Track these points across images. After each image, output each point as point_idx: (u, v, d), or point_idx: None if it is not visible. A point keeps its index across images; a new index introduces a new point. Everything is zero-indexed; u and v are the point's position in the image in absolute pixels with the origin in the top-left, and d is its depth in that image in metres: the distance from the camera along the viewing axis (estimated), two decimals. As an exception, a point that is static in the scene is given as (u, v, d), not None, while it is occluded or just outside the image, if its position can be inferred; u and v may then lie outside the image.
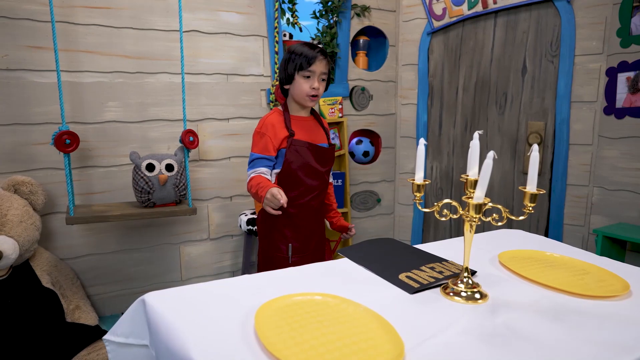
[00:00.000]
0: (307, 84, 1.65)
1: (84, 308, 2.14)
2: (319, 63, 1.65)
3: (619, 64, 2.20)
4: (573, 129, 2.40)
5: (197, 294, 1.03)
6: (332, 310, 0.93)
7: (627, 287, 1.07)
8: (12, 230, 1.90)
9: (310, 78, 1.65)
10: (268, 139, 1.65)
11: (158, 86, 2.40)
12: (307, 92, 1.66)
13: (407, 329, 0.87)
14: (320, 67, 1.65)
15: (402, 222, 3.27)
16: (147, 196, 2.12)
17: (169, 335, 0.86)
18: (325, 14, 2.87)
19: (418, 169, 1.03)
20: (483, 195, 0.92)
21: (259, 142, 1.67)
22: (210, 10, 2.48)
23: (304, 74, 1.64)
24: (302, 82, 1.65)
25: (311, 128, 1.75)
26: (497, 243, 1.44)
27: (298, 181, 1.69)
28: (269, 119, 1.69)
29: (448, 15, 2.82)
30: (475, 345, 0.83)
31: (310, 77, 1.65)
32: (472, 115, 2.84)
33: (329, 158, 1.78)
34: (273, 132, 1.65)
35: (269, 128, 1.66)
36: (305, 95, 1.67)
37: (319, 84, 1.67)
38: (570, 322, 0.92)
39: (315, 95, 1.67)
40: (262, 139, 1.66)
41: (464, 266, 1.04)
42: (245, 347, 0.80)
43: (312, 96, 1.67)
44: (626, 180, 2.20)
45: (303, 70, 1.64)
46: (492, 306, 0.99)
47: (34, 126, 2.15)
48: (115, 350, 1.02)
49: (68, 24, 2.18)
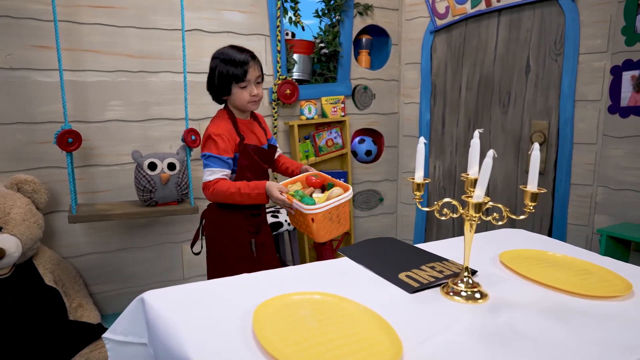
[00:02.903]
0: (245, 92, 1.61)
1: (86, 306, 2.15)
2: (252, 70, 1.59)
3: (623, 62, 2.18)
4: (577, 128, 2.38)
5: (196, 292, 1.02)
6: (331, 310, 0.93)
7: (630, 287, 1.06)
8: (15, 228, 1.90)
9: (247, 87, 1.60)
10: (227, 141, 1.59)
11: (161, 85, 2.40)
12: (247, 100, 1.62)
13: (406, 328, 0.86)
14: (254, 74, 1.60)
15: (405, 222, 3.26)
16: (149, 195, 2.12)
17: (167, 334, 0.86)
18: (328, 12, 2.87)
19: (418, 168, 1.02)
20: (483, 194, 0.91)
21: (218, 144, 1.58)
22: (214, 9, 2.49)
23: (241, 85, 1.59)
24: (240, 91, 1.60)
25: (253, 130, 1.73)
26: (499, 242, 1.43)
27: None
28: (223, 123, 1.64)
29: (451, 14, 2.81)
30: (475, 345, 0.82)
31: (247, 86, 1.60)
32: (475, 114, 2.83)
33: (270, 157, 1.79)
34: (230, 135, 1.61)
35: (227, 131, 1.61)
36: (246, 103, 1.63)
37: (257, 89, 1.62)
38: (572, 322, 0.91)
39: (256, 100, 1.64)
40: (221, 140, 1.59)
41: (464, 265, 1.04)
42: (243, 346, 0.80)
43: (253, 102, 1.64)
44: (631, 180, 2.19)
45: (239, 82, 1.58)
46: (493, 306, 0.98)
47: (38, 125, 2.16)
48: (114, 348, 1.03)
49: (72, 23, 2.19)
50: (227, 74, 1.58)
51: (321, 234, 1.57)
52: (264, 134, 1.79)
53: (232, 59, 1.58)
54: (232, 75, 1.58)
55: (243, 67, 1.57)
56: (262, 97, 1.67)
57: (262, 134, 1.78)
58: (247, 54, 1.60)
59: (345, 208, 1.65)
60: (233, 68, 1.58)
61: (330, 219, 1.58)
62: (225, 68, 1.59)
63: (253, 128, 1.74)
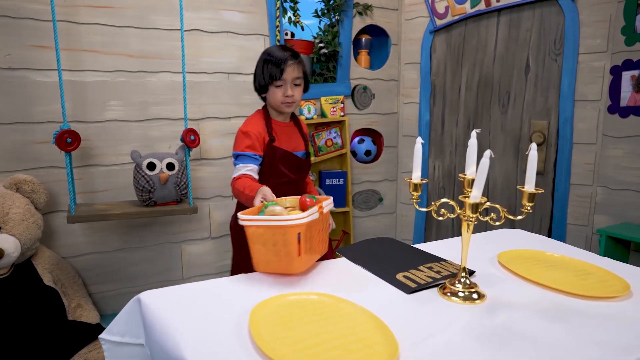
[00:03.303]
0: (280, 92, 1.60)
1: (85, 306, 2.15)
2: (289, 70, 1.58)
3: (623, 62, 2.17)
4: (577, 128, 2.37)
5: (193, 293, 1.02)
6: (328, 310, 0.92)
7: (628, 288, 1.06)
8: (14, 228, 1.90)
9: (282, 87, 1.59)
10: (255, 139, 1.59)
11: (160, 85, 2.40)
12: (281, 100, 1.61)
13: (403, 329, 0.86)
14: (292, 74, 1.59)
15: (405, 222, 3.25)
16: (148, 195, 2.12)
17: (163, 335, 0.86)
18: (327, 12, 2.87)
19: (415, 168, 1.02)
20: (480, 194, 0.91)
21: (245, 140, 1.60)
22: (213, 9, 2.48)
23: (276, 84, 1.58)
24: (275, 90, 1.60)
25: (290, 135, 1.69)
26: (498, 243, 1.42)
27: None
28: (255, 121, 1.64)
29: (451, 14, 2.80)
30: (472, 345, 0.82)
31: (282, 86, 1.59)
32: (475, 114, 2.82)
33: (303, 167, 1.72)
34: (260, 134, 1.61)
35: (256, 129, 1.61)
36: (280, 104, 1.62)
37: (293, 91, 1.60)
38: (570, 322, 0.91)
39: (290, 102, 1.63)
40: (248, 138, 1.60)
41: (461, 266, 1.03)
42: (239, 347, 0.80)
43: (287, 103, 1.62)
44: (630, 180, 2.18)
45: (275, 81, 1.58)
46: (490, 306, 0.98)
47: (37, 125, 2.16)
48: (111, 349, 1.02)
49: (71, 23, 2.18)
50: (265, 71, 1.58)
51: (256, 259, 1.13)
52: (302, 142, 1.74)
53: (272, 57, 1.58)
54: (269, 73, 1.58)
55: (280, 66, 1.56)
56: (298, 100, 1.64)
57: (301, 141, 1.73)
58: (288, 53, 1.58)
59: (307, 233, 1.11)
60: (271, 66, 1.57)
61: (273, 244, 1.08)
62: (265, 65, 1.59)
63: (290, 132, 1.69)
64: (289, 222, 1.04)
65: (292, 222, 1.04)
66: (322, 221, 1.19)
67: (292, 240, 1.05)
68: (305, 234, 1.07)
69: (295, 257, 1.07)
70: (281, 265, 1.10)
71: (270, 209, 1.13)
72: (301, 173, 1.72)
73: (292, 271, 1.10)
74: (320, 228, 1.20)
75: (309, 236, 1.11)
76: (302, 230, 1.06)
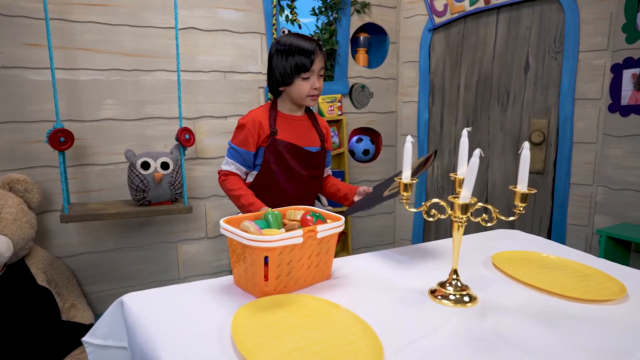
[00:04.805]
0: (307, 84, 1.52)
1: (79, 306, 2.14)
2: (318, 61, 1.51)
3: (624, 60, 2.14)
4: (577, 127, 2.34)
5: (178, 295, 1.00)
6: (313, 314, 0.90)
7: (624, 291, 1.03)
8: (6, 228, 1.89)
9: (309, 78, 1.52)
10: (249, 132, 1.54)
11: (155, 84, 2.38)
12: (307, 93, 1.54)
13: (390, 333, 0.84)
14: (319, 64, 1.52)
15: (403, 222, 3.22)
16: (142, 194, 2.10)
17: (144, 338, 0.84)
18: (325, 10, 2.84)
19: (405, 168, 0.99)
20: (469, 194, 0.88)
21: (238, 134, 1.57)
22: (209, 7, 2.46)
23: (303, 76, 1.50)
24: (302, 83, 1.52)
25: (301, 128, 1.62)
26: (493, 244, 1.40)
27: (277, 186, 1.59)
28: (254, 113, 1.59)
29: (449, 12, 2.77)
30: (460, 349, 0.80)
31: (310, 77, 1.52)
32: (474, 113, 2.79)
33: (316, 163, 1.63)
34: (255, 127, 1.55)
35: (252, 122, 1.56)
36: (305, 97, 1.55)
37: (320, 82, 1.54)
38: (562, 326, 0.88)
39: (317, 94, 1.56)
40: (242, 131, 1.55)
41: (452, 268, 1.01)
42: (220, 352, 0.77)
43: (313, 96, 1.56)
44: (631, 180, 2.15)
45: (303, 73, 1.50)
46: (482, 310, 0.95)
47: (31, 124, 2.15)
48: (94, 352, 1.01)
49: (65, 21, 2.17)
50: (291, 62, 1.50)
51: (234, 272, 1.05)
52: (318, 137, 1.65)
53: (298, 47, 1.49)
54: (296, 64, 1.49)
55: (310, 57, 1.48)
56: (321, 92, 1.59)
57: (316, 136, 1.65)
58: (315, 43, 1.51)
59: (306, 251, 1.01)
60: (299, 56, 1.49)
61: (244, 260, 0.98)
62: (289, 56, 1.49)
63: (302, 126, 1.62)
64: (252, 242, 0.91)
65: (256, 243, 0.91)
66: (315, 245, 1.02)
67: (257, 262, 0.94)
68: (276, 260, 0.94)
69: (261, 282, 0.95)
70: (248, 285, 1.00)
71: (246, 225, 0.99)
72: (312, 169, 1.63)
73: (258, 295, 0.97)
74: (312, 253, 1.02)
75: (288, 261, 0.97)
76: (270, 255, 0.93)
